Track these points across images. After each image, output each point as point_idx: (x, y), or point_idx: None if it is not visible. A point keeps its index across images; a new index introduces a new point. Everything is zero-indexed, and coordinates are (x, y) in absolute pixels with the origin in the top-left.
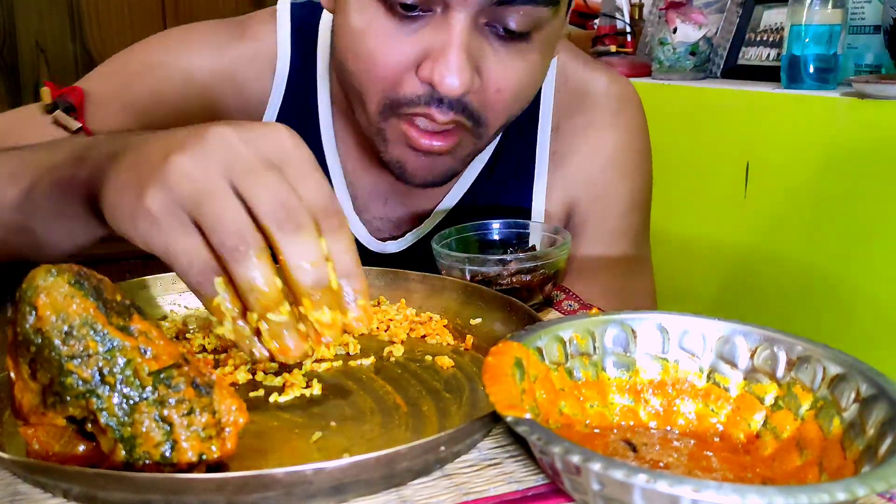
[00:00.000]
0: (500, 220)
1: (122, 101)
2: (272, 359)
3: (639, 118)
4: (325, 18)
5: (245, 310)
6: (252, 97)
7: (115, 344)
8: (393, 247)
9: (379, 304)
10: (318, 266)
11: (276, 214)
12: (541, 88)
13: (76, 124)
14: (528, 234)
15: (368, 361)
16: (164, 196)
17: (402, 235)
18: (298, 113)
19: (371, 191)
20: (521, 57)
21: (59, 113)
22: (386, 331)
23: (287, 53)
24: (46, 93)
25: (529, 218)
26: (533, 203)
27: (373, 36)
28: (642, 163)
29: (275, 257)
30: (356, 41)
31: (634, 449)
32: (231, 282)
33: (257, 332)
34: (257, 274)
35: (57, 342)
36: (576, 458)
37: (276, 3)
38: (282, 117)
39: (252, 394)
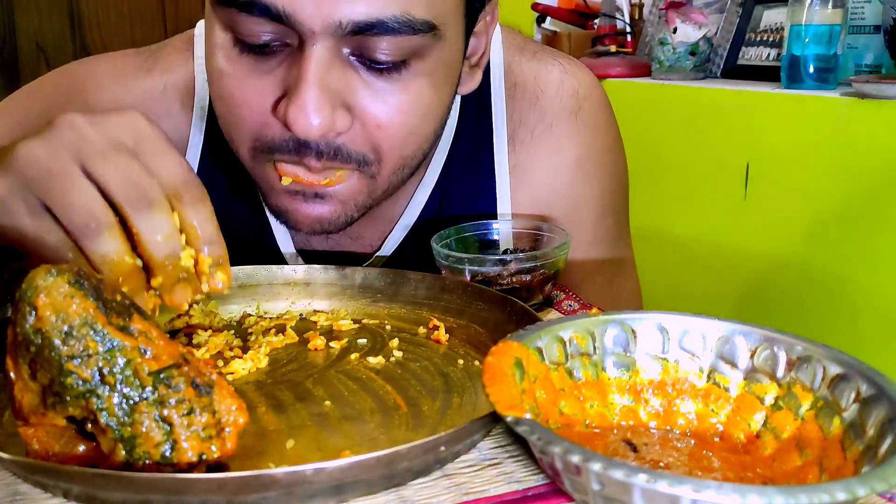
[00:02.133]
0: (501, 220)
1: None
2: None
3: (600, 114)
4: None
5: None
6: (171, 133)
7: (115, 344)
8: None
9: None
10: (170, 239)
11: (126, 192)
12: (491, 96)
13: None
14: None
15: (375, 360)
16: (12, 181)
17: (366, 257)
18: (223, 147)
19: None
20: (401, 89)
21: None
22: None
23: (204, 86)
24: None
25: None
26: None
27: (231, 76)
28: (611, 162)
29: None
30: (218, 83)
31: (635, 449)
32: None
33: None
34: (109, 248)
35: (57, 342)
36: (576, 458)
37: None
38: (204, 158)
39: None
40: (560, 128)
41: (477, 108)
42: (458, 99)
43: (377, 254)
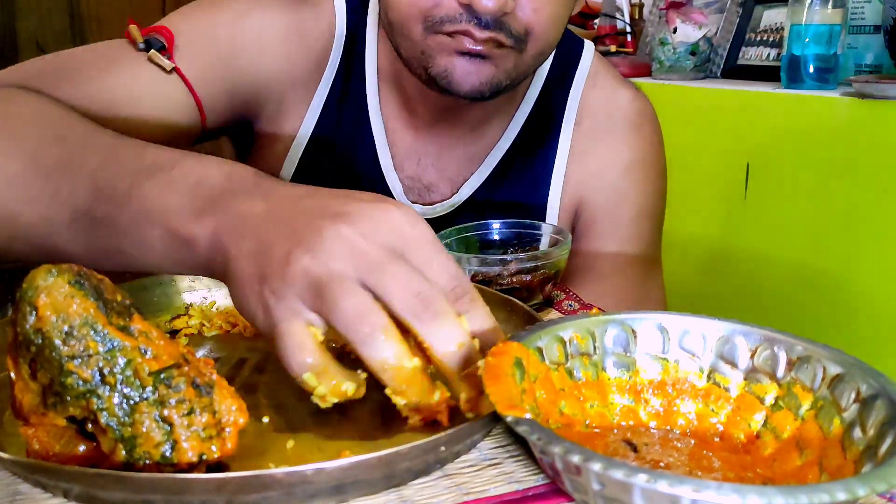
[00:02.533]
0: (501, 220)
1: (208, 47)
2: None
3: (656, 135)
4: None
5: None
6: (315, 55)
7: (115, 344)
8: (419, 210)
9: None
10: (464, 347)
11: (411, 305)
12: (573, 82)
13: (170, 65)
14: (528, 233)
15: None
16: (288, 301)
17: (430, 204)
18: (348, 74)
19: (407, 150)
20: None
21: (154, 53)
22: None
23: (343, 18)
24: (135, 30)
25: (544, 206)
26: (550, 194)
27: None
28: (655, 176)
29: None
30: None
31: (635, 449)
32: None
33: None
34: (387, 352)
35: (57, 342)
36: (576, 458)
37: None
38: (337, 78)
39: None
40: (621, 132)
41: (557, 91)
42: (542, 77)
43: (455, 197)
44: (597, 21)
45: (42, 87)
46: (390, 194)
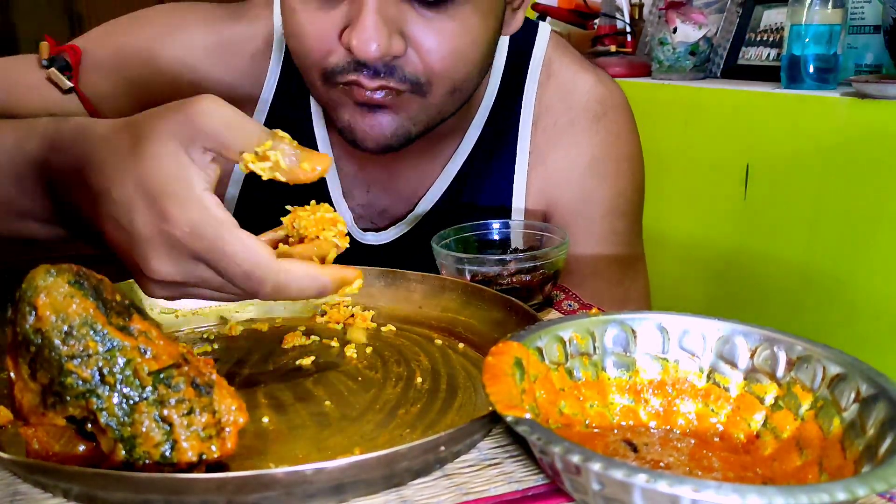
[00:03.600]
0: (500, 220)
1: (116, 69)
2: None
3: (623, 123)
4: None
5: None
6: (247, 74)
7: (114, 344)
8: (372, 238)
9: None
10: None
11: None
12: (525, 82)
13: (68, 84)
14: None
15: (374, 360)
16: (161, 288)
17: (385, 229)
18: (292, 100)
19: (354, 179)
20: (450, 19)
21: (52, 71)
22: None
23: (283, 39)
24: (45, 47)
25: (510, 214)
26: (514, 200)
27: (302, 12)
28: (627, 169)
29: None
30: (290, 19)
31: (635, 449)
32: None
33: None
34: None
35: (57, 342)
36: (576, 458)
37: None
38: (275, 101)
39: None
40: (582, 126)
41: (512, 91)
42: (497, 79)
43: (414, 212)
44: (597, 21)
45: None
46: None
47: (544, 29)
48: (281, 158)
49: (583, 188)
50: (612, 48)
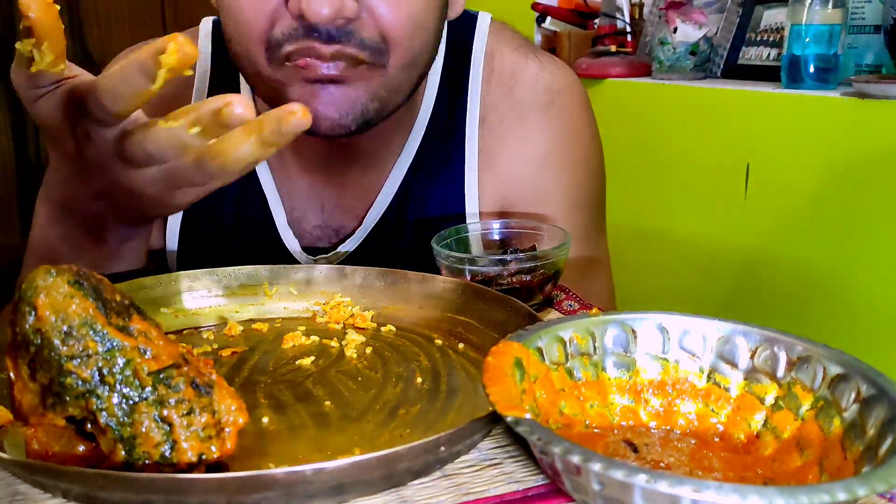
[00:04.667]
0: (500, 221)
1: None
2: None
3: (574, 111)
4: None
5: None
6: (164, 101)
7: (114, 344)
8: (323, 261)
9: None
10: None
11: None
12: (469, 80)
13: None
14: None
15: (374, 360)
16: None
17: (334, 249)
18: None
19: (307, 198)
20: None
21: None
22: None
23: (207, 66)
24: None
25: (464, 217)
26: (466, 205)
27: None
28: (582, 159)
29: None
30: (227, 1)
31: (635, 449)
32: None
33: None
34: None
35: (56, 342)
36: (576, 459)
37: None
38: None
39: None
40: (530, 119)
41: (454, 90)
42: (436, 80)
43: (362, 226)
44: (596, 21)
45: None
46: (287, 253)
47: (483, 19)
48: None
49: (538, 185)
50: (612, 48)
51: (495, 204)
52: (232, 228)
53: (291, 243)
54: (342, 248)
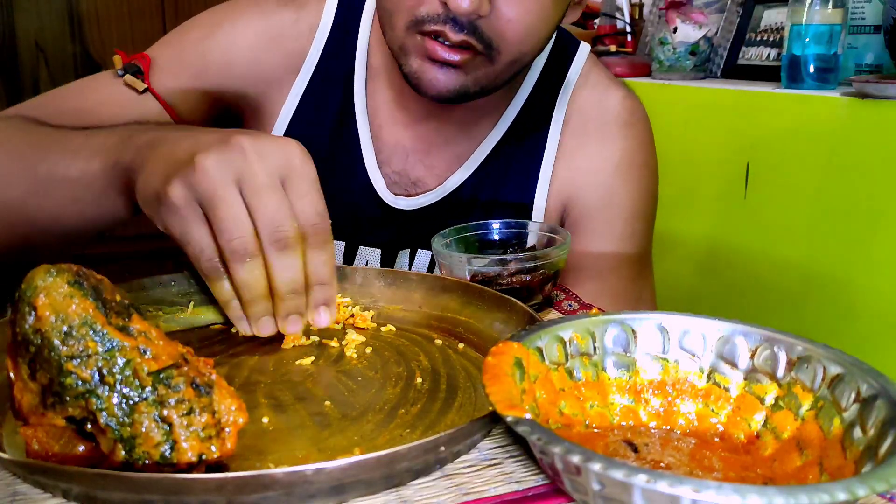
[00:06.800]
0: (500, 221)
1: (181, 67)
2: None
3: (647, 134)
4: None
5: None
6: (291, 56)
7: (114, 344)
8: (403, 203)
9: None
10: (296, 277)
11: (270, 231)
12: (563, 82)
13: (143, 85)
14: (528, 234)
15: (374, 360)
16: (184, 189)
17: (415, 196)
18: (332, 73)
19: (395, 145)
20: None
21: (128, 77)
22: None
23: (329, 22)
24: (118, 60)
25: (530, 204)
26: (537, 188)
27: None
28: (647, 175)
29: None
30: None
31: (635, 449)
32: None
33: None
34: (250, 274)
35: (56, 342)
36: (576, 458)
37: None
38: (316, 74)
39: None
40: (611, 130)
41: (549, 90)
42: (535, 76)
43: (443, 186)
44: (597, 21)
45: (32, 111)
46: (373, 190)
47: (585, 48)
48: None
49: (607, 189)
50: (612, 48)
51: (561, 199)
52: (325, 161)
53: (378, 182)
54: (423, 199)
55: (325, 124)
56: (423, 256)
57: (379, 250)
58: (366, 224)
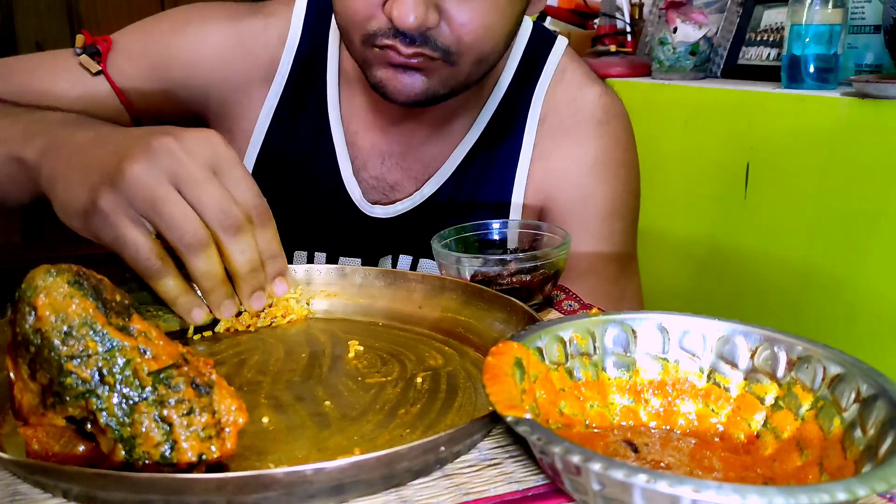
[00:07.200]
0: (500, 220)
1: (143, 55)
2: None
3: (624, 132)
4: None
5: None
6: (261, 63)
7: (114, 344)
8: (380, 211)
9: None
10: (253, 257)
11: (219, 219)
12: (538, 80)
13: (96, 67)
14: (527, 234)
15: (374, 360)
16: (116, 198)
17: (392, 203)
18: (305, 81)
19: (371, 150)
20: None
21: (83, 56)
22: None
23: (299, 31)
24: (80, 39)
25: (508, 205)
26: (514, 189)
27: None
28: (624, 174)
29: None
30: None
31: (635, 449)
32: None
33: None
34: (208, 263)
35: (56, 342)
36: (576, 458)
37: None
38: (289, 83)
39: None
40: (586, 129)
41: (523, 88)
42: (509, 76)
43: (421, 191)
44: (597, 21)
45: None
46: (349, 199)
47: (562, 41)
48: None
49: (582, 188)
50: (612, 48)
51: (539, 196)
52: (303, 172)
53: (354, 192)
54: (400, 206)
55: (300, 134)
56: (404, 261)
57: (360, 259)
58: (344, 234)
